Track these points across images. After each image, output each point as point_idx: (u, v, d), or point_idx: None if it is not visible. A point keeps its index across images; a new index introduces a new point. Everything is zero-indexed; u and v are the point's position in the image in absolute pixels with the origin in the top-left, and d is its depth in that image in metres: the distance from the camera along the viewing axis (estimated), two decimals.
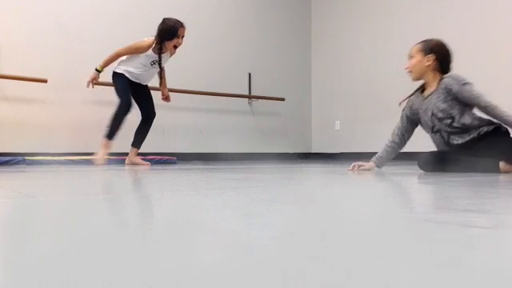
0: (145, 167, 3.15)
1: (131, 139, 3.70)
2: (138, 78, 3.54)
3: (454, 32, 4.64)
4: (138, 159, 3.60)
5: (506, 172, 2.05)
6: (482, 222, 0.66)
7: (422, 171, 2.29)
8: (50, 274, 0.38)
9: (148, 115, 3.64)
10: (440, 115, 2.26)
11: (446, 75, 2.30)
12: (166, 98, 3.77)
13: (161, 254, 0.45)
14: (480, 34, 4.44)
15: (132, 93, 3.52)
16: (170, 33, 3.37)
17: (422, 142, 2.62)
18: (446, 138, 2.28)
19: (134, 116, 3.64)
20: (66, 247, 0.49)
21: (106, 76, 4.46)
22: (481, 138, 2.17)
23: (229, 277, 0.37)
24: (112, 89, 4.51)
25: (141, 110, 3.63)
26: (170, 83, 4.82)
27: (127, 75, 3.50)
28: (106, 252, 0.47)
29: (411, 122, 2.45)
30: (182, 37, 3.43)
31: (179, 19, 3.45)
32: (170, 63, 4.84)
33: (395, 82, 5.19)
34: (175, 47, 3.45)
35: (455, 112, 2.22)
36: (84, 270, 0.39)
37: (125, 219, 0.74)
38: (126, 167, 3.09)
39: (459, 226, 0.61)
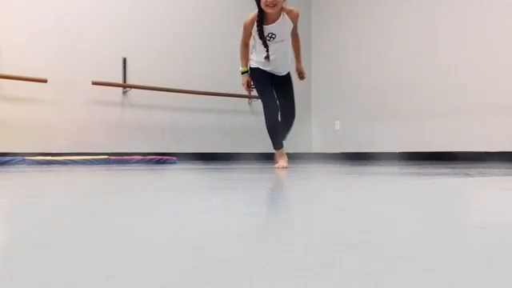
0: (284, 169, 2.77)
1: (124, 140, 3.67)
2: (269, 65, 3.04)
3: (452, 32, 4.64)
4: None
5: None
6: None
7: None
8: (49, 274, 0.38)
9: (283, 115, 3.13)
10: None
11: None
12: (301, 74, 3.32)
13: (160, 255, 0.45)
14: (478, 34, 4.44)
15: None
16: None
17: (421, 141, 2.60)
18: None
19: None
20: (66, 247, 0.49)
21: (107, 76, 4.47)
22: None
23: (229, 278, 0.37)
24: (111, 89, 4.54)
25: (279, 108, 3.11)
26: (170, 83, 4.84)
27: (258, 65, 3.04)
28: (106, 252, 0.47)
29: None
30: None
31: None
32: (171, 63, 4.84)
33: (395, 81, 5.19)
34: (269, 6, 2.81)
35: None
36: (84, 269, 0.39)
37: (125, 219, 0.74)
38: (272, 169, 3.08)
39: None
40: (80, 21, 4.39)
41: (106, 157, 3.78)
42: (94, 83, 4.32)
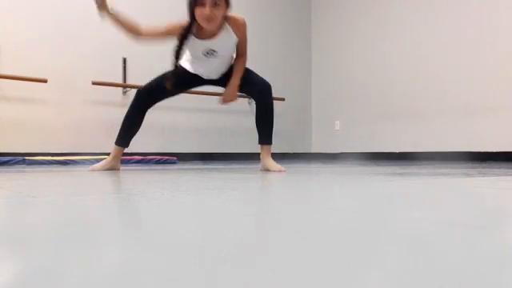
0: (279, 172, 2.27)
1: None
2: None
3: (453, 32, 4.64)
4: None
5: None
6: None
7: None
8: (49, 274, 0.38)
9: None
10: None
11: None
12: (225, 98, 2.64)
13: (158, 255, 0.45)
14: (476, 32, 4.44)
15: None
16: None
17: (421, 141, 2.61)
18: None
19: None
20: (65, 247, 0.49)
21: (107, 76, 4.47)
22: None
23: (229, 279, 0.37)
24: (111, 89, 4.54)
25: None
26: None
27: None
28: (105, 252, 0.47)
29: None
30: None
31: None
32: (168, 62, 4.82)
33: (395, 82, 5.19)
34: (205, 20, 2.24)
35: None
36: (83, 270, 0.39)
37: (125, 219, 0.74)
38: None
39: None
40: (80, 21, 4.39)
41: (106, 157, 3.77)
42: (94, 83, 4.32)
